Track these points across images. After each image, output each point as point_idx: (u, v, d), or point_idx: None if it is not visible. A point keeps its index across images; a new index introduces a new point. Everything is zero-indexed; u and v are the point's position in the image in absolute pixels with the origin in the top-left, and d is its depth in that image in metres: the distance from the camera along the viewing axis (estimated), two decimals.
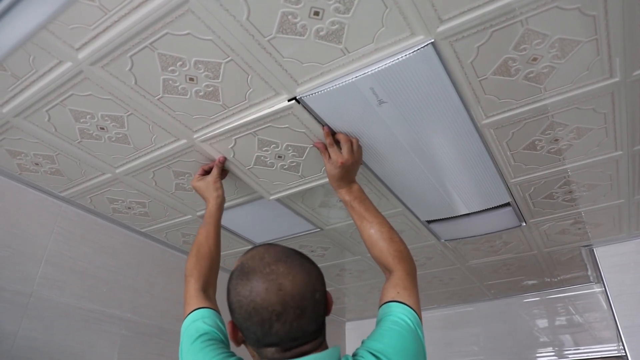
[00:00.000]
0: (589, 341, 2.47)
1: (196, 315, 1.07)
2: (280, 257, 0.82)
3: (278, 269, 0.79)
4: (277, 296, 0.76)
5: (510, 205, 1.65)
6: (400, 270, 1.07)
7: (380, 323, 0.95)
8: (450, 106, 1.16)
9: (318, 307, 0.81)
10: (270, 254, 0.83)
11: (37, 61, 1.03)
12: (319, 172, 1.44)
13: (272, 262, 0.81)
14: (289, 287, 0.77)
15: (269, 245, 0.87)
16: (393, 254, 1.12)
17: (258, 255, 0.83)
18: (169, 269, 1.98)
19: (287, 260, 0.81)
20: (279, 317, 0.76)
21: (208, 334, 1.00)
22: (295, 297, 0.77)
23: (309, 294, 0.79)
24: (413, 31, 0.95)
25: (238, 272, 0.83)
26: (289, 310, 0.76)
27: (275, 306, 0.76)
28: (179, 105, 1.17)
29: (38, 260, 1.49)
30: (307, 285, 0.79)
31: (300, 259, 0.84)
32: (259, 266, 0.80)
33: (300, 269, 0.81)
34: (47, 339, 1.45)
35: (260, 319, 0.77)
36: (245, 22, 0.93)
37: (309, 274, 0.82)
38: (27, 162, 1.40)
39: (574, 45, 0.98)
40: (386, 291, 1.03)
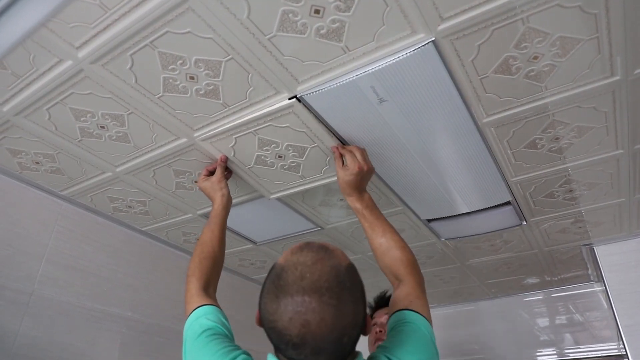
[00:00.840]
0: (589, 340, 2.47)
1: (199, 312, 1.06)
2: (320, 287, 0.73)
3: (311, 303, 0.71)
4: (298, 331, 0.71)
5: (510, 204, 1.65)
6: (412, 280, 1.08)
7: (396, 329, 0.94)
8: (450, 104, 1.15)
9: (343, 348, 0.76)
10: (313, 275, 0.74)
11: (37, 60, 1.03)
12: (320, 172, 1.44)
13: (308, 291, 0.72)
14: (314, 327, 0.71)
15: (319, 259, 0.77)
16: (405, 263, 1.12)
17: (299, 271, 0.75)
18: (170, 268, 1.98)
19: (325, 295, 0.72)
20: (295, 347, 0.73)
21: (212, 329, 0.99)
22: (317, 338, 0.72)
23: (335, 337, 0.73)
24: (414, 29, 0.95)
25: (273, 279, 0.78)
26: (306, 346, 0.72)
27: (294, 338, 0.72)
28: (179, 104, 1.17)
29: (39, 259, 1.49)
30: (334, 330, 0.72)
31: (341, 294, 0.74)
32: (293, 288, 0.73)
33: (334, 311, 0.72)
34: (48, 338, 1.45)
35: (277, 338, 0.75)
36: (245, 20, 0.93)
37: (344, 318, 0.74)
38: (27, 160, 1.40)
39: (575, 44, 0.98)
40: (398, 299, 1.03)
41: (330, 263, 0.77)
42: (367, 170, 1.26)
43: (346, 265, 0.80)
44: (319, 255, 0.78)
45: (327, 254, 0.79)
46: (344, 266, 0.79)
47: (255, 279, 2.41)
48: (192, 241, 1.96)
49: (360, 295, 0.79)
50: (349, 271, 0.79)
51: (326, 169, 1.42)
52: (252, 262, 2.20)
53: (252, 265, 2.24)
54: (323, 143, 1.30)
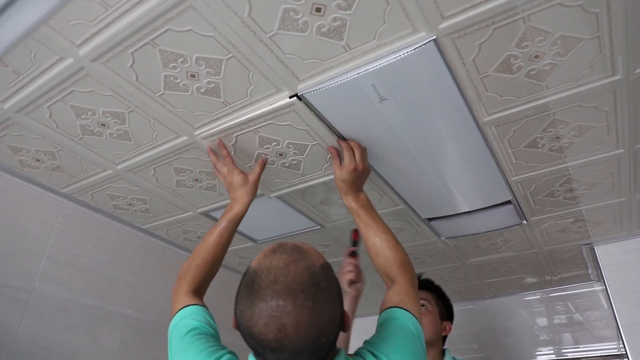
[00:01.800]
0: (589, 339, 2.47)
1: (184, 312, 1.07)
2: (294, 289, 0.72)
3: (285, 306, 0.70)
4: (275, 336, 0.71)
5: (511, 203, 1.65)
6: (405, 280, 1.09)
7: (384, 325, 0.95)
8: (451, 103, 1.15)
9: (322, 347, 0.76)
10: (287, 277, 0.73)
11: (38, 57, 1.03)
12: (320, 170, 1.44)
13: (282, 294, 0.71)
14: (290, 331, 0.70)
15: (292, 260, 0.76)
16: (398, 263, 1.13)
17: (272, 275, 0.74)
18: (170, 266, 1.98)
19: (300, 297, 0.71)
20: (273, 351, 0.73)
21: (197, 329, 1.00)
22: (294, 341, 0.71)
23: (312, 339, 0.73)
24: (415, 28, 0.95)
25: (247, 284, 0.76)
26: (284, 349, 0.72)
27: (272, 343, 0.71)
28: (180, 102, 1.17)
29: (39, 257, 1.50)
30: (311, 331, 0.72)
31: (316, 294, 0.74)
32: (267, 293, 0.72)
33: (310, 313, 0.72)
34: (48, 335, 1.45)
35: (255, 343, 0.75)
36: (246, 18, 0.93)
37: (320, 318, 0.73)
38: (28, 158, 1.40)
39: (576, 43, 0.98)
40: (389, 297, 1.04)
41: (303, 264, 0.76)
42: (363, 170, 1.27)
43: (320, 265, 0.79)
44: (292, 257, 0.77)
45: (300, 255, 0.78)
46: (318, 266, 0.78)
47: None
48: (193, 239, 1.97)
49: (336, 294, 0.79)
50: (324, 270, 0.79)
51: (327, 166, 1.42)
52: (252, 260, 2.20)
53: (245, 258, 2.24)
54: (324, 140, 1.30)
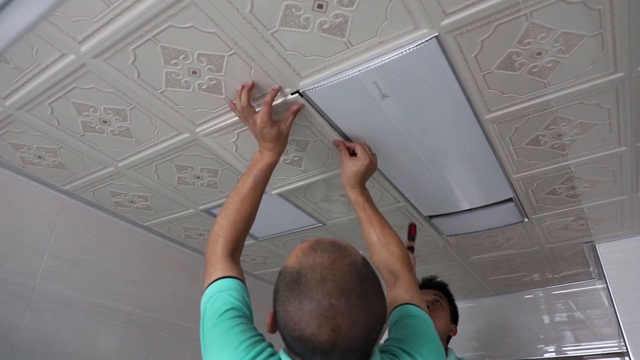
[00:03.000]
0: (590, 337, 2.47)
1: (222, 284, 0.95)
2: (345, 287, 0.70)
3: (339, 305, 0.68)
4: (329, 337, 0.68)
5: (512, 201, 1.65)
6: (409, 276, 1.09)
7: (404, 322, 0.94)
8: (453, 100, 1.15)
9: (371, 344, 0.75)
10: (335, 276, 0.71)
11: (40, 54, 1.03)
12: (322, 166, 1.44)
13: (335, 294, 0.69)
14: (345, 330, 0.68)
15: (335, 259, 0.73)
16: (402, 259, 1.13)
17: (320, 272, 0.71)
18: (171, 263, 1.98)
19: (352, 296, 0.70)
20: (323, 352, 0.70)
21: (236, 310, 0.90)
22: (348, 340, 0.69)
23: (365, 336, 0.71)
24: (417, 25, 0.95)
25: (290, 284, 0.73)
26: (337, 349, 0.69)
27: (324, 344, 0.68)
28: (181, 99, 1.17)
29: (41, 253, 1.50)
30: (365, 329, 0.70)
31: (367, 291, 0.72)
32: (318, 291, 0.69)
33: (364, 310, 0.70)
34: (50, 331, 1.46)
35: (303, 347, 0.71)
36: (248, 14, 0.92)
37: (372, 314, 0.72)
38: (30, 155, 1.40)
39: (579, 40, 0.98)
40: (399, 294, 1.03)
41: (347, 261, 0.74)
42: (373, 165, 1.28)
43: (361, 260, 0.77)
44: (335, 254, 0.74)
45: (342, 252, 0.76)
46: (360, 262, 0.76)
47: (256, 274, 2.42)
48: (194, 236, 1.97)
49: (381, 290, 0.77)
50: (366, 265, 0.77)
51: (328, 162, 1.41)
52: (253, 257, 2.20)
53: (254, 260, 2.24)
54: (325, 137, 1.30)
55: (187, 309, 1.97)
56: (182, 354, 1.89)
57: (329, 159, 1.40)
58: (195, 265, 2.09)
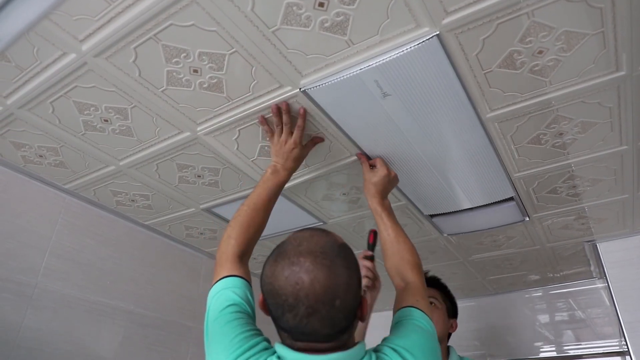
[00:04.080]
0: (591, 337, 2.47)
1: (227, 282, 1.01)
2: (315, 250, 0.79)
3: (304, 262, 0.77)
4: (293, 289, 0.76)
5: (513, 200, 1.64)
6: (419, 282, 1.13)
7: (401, 323, 0.97)
8: (454, 99, 1.15)
9: (336, 313, 0.78)
10: (310, 242, 0.81)
11: (41, 52, 1.03)
12: (323, 159, 1.43)
13: (304, 253, 0.79)
14: (306, 284, 0.76)
15: (317, 233, 0.85)
16: (414, 266, 1.17)
17: (298, 240, 0.82)
18: (172, 262, 1.98)
19: (320, 257, 0.78)
20: (290, 309, 0.77)
21: (237, 306, 0.96)
22: (310, 296, 0.75)
23: (327, 298, 0.76)
24: (418, 23, 0.95)
25: (275, 250, 0.84)
26: (300, 305, 0.76)
27: (289, 298, 0.76)
28: (182, 98, 1.17)
29: (42, 252, 1.50)
30: (326, 289, 0.76)
31: (335, 258, 0.80)
32: (291, 252, 0.80)
33: (327, 271, 0.77)
34: (52, 330, 1.46)
35: (275, 303, 0.79)
36: (249, 13, 0.92)
37: (335, 279, 0.78)
38: (31, 154, 1.41)
39: (580, 38, 0.98)
40: (404, 298, 1.06)
41: (327, 238, 0.84)
42: (394, 177, 1.36)
43: (341, 242, 0.86)
44: (317, 232, 0.86)
45: (325, 232, 0.86)
46: (339, 242, 0.85)
47: (257, 273, 2.41)
48: (195, 235, 1.97)
49: (354, 266, 0.84)
50: (344, 246, 0.85)
51: (328, 154, 1.41)
52: (254, 256, 2.19)
53: (254, 259, 2.24)
54: (327, 130, 1.30)
55: (188, 307, 1.97)
56: (183, 353, 1.89)
57: (330, 151, 1.39)
58: (196, 264, 2.10)
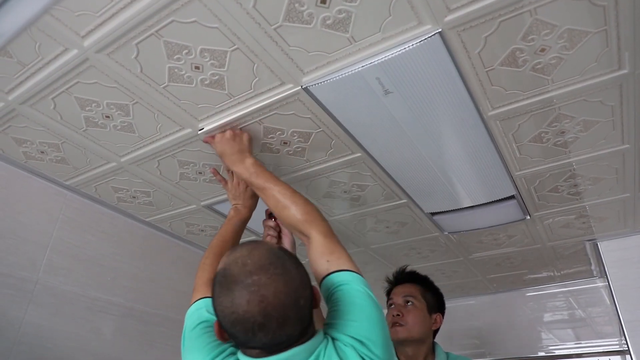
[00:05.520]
0: (591, 336, 2.47)
1: (201, 304, 1.07)
2: (262, 265, 0.80)
3: (260, 279, 0.78)
4: (259, 307, 0.76)
5: (514, 198, 1.64)
6: (316, 234, 1.05)
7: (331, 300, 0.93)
8: (456, 97, 1.15)
9: (303, 311, 0.81)
10: (253, 259, 0.81)
11: (43, 48, 1.03)
12: (325, 155, 1.43)
13: (255, 271, 0.79)
14: (271, 299, 0.77)
15: (253, 247, 0.85)
16: (301, 218, 1.09)
17: (241, 261, 0.81)
18: (173, 259, 1.98)
19: (270, 268, 0.79)
20: (262, 328, 0.77)
21: (209, 322, 1.01)
22: (277, 307, 0.77)
23: (292, 302, 0.78)
24: (420, 20, 0.95)
25: (220, 279, 0.83)
26: (271, 320, 0.77)
27: (257, 317, 0.76)
28: (184, 94, 1.17)
29: (43, 248, 1.50)
30: (289, 294, 0.78)
31: (283, 264, 0.82)
32: (241, 275, 0.79)
33: (283, 278, 0.79)
34: (53, 326, 1.46)
35: (243, 329, 0.78)
36: (251, 10, 0.92)
37: (293, 281, 0.80)
38: (32, 150, 1.41)
39: (583, 36, 0.97)
40: (315, 263, 1.01)
41: (264, 248, 0.85)
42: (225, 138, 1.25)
43: (278, 247, 0.89)
44: (252, 246, 0.86)
45: (258, 244, 0.87)
46: (276, 247, 0.87)
47: None
48: (196, 232, 1.97)
49: (299, 262, 0.86)
50: (282, 249, 0.88)
51: (331, 151, 1.40)
52: None
53: None
54: (328, 127, 1.29)
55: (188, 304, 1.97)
56: None
57: (332, 148, 1.39)
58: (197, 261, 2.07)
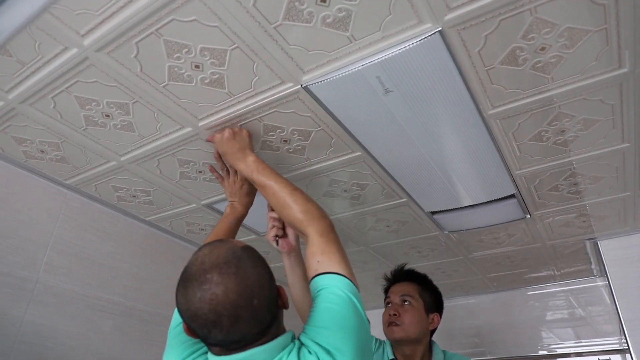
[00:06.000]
0: (591, 334, 2.47)
1: None
2: (218, 264, 0.80)
3: (212, 277, 0.79)
4: (210, 305, 0.77)
5: (514, 197, 1.64)
6: (313, 233, 1.02)
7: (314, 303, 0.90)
8: (456, 96, 1.15)
9: (258, 311, 0.80)
10: (211, 258, 0.82)
11: (42, 47, 1.03)
12: (325, 154, 1.43)
13: (209, 269, 0.80)
14: (221, 297, 0.77)
15: (215, 246, 0.85)
16: (300, 216, 1.06)
17: (200, 259, 0.83)
18: (173, 258, 1.99)
19: (224, 267, 0.80)
20: (215, 325, 0.78)
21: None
22: (227, 306, 0.77)
23: (244, 302, 0.78)
24: (420, 19, 0.94)
25: (181, 276, 0.85)
26: (222, 318, 0.77)
27: (209, 315, 0.78)
28: (184, 93, 1.17)
29: (43, 247, 1.50)
30: (241, 294, 0.78)
31: (239, 263, 0.81)
32: (196, 273, 0.81)
33: (235, 277, 0.79)
34: (53, 325, 1.46)
35: (198, 325, 0.80)
36: (251, 8, 0.92)
37: (246, 281, 0.80)
38: (32, 149, 1.41)
39: (583, 35, 0.97)
40: (308, 263, 0.98)
41: (225, 247, 0.85)
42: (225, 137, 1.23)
43: (242, 246, 0.87)
44: (215, 245, 0.86)
45: (222, 242, 0.87)
46: (239, 247, 0.86)
47: None
48: (196, 231, 1.97)
49: (260, 262, 0.85)
50: (245, 249, 0.86)
51: (330, 150, 1.41)
52: None
53: None
54: (328, 126, 1.29)
55: None
56: None
57: (332, 147, 1.39)
58: None
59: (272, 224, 1.33)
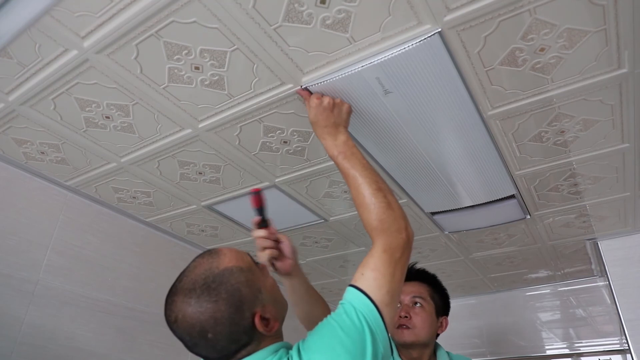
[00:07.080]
0: (592, 335, 2.47)
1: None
2: (185, 288, 0.82)
3: (176, 300, 0.82)
4: (173, 324, 0.82)
5: (515, 198, 1.64)
6: (378, 245, 0.90)
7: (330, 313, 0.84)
8: (456, 97, 1.15)
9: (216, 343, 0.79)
10: (189, 276, 0.84)
11: (43, 49, 1.03)
12: (324, 155, 1.43)
13: (176, 292, 0.83)
14: (179, 321, 0.81)
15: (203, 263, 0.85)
16: (374, 224, 0.93)
17: (183, 274, 0.86)
18: (174, 259, 1.99)
19: (187, 294, 0.81)
20: (181, 340, 0.83)
21: None
22: (184, 332, 0.81)
23: (197, 333, 0.79)
24: (420, 20, 0.95)
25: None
26: (184, 338, 0.81)
27: (175, 331, 0.82)
28: (184, 95, 1.17)
29: (44, 249, 1.51)
30: (193, 325, 0.79)
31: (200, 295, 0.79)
32: (172, 290, 0.85)
33: (191, 309, 0.79)
34: (53, 326, 1.46)
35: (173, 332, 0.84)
36: (251, 10, 0.92)
37: (200, 315, 0.78)
38: (32, 150, 1.41)
39: (582, 35, 0.97)
40: (358, 267, 0.89)
41: (206, 266, 0.84)
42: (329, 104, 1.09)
43: (224, 268, 0.83)
44: (203, 259, 0.86)
45: (211, 258, 0.86)
46: (220, 269, 0.83)
47: None
48: (196, 232, 1.97)
49: (225, 297, 0.79)
50: (224, 273, 0.82)
51: None
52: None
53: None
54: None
55: None
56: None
57: None
58: None
59: (261, 244, 1.14)
